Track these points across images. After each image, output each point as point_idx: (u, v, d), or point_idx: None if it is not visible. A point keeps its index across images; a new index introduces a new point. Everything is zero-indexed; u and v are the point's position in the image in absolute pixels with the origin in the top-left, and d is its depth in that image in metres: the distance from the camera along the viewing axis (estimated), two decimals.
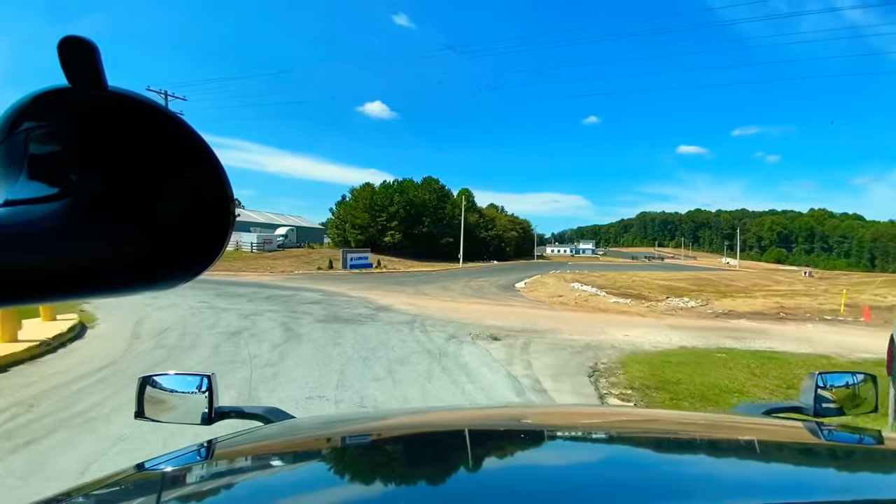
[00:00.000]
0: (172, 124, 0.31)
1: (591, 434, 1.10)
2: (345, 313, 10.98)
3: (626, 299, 19.02)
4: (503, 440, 1.01)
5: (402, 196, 54.44)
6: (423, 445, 1.00)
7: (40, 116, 0.30)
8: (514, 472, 0.80)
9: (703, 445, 0.96)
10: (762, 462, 0.85)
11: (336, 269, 30.60)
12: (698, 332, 10.54)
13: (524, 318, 11.36)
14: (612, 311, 14.01)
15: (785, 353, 8.14)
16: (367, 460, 0.92)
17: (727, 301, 20.31)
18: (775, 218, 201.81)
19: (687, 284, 33.91)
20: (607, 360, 7.17)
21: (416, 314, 11.41)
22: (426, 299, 15.38)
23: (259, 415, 1.30)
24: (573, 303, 15.99)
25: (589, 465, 0.83)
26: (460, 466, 0.82)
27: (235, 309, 11.22)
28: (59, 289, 0.29)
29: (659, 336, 9.69)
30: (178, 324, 9.20)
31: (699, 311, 16.03)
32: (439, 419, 1.30)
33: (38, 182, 0.30)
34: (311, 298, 14.02)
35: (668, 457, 0.93)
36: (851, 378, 1.30)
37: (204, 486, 0.79)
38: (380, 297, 15.35)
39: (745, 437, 1.02)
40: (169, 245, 0.32)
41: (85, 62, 0.28)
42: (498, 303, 15.21)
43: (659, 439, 1.03)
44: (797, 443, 0.96)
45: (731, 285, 33.87)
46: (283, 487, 0.76)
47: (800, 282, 37.76)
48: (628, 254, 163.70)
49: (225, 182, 0.33)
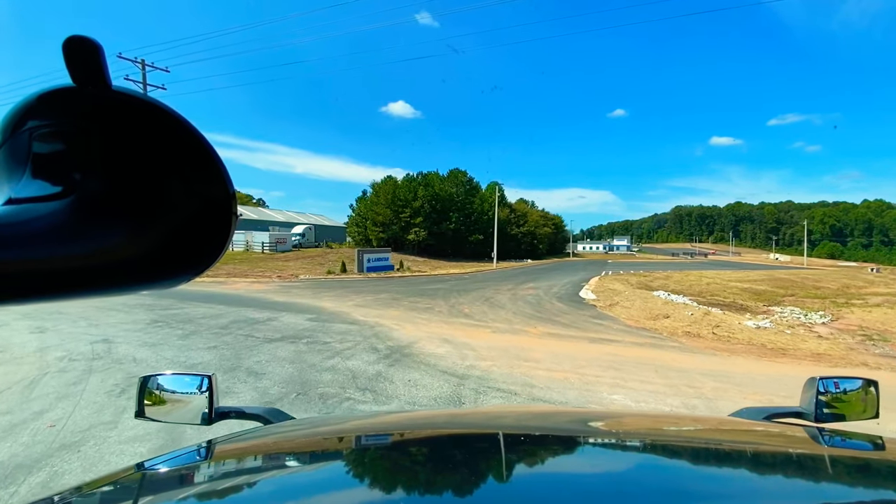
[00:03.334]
0: (175, 124, 0.31)
1: (589, 437, 1.04)
2: (325, 380, 5.60)
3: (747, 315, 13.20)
4: (507, 442, 0.95)
5: (426, 190, 49.16)
6: (423, 446, 0.98)
7: (44, 115, 0.30)
8: (516, 472, 0.78)
9: (704, 450, 0.95)
10: (762, 467, 0.84)
11: (350, 273, 25.57)
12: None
13: (678, 386, 5.82)
14: (791, 352, 8.18)
15: None
16: (367, 461, 0.90)
17: (858, 312, 14.53)
18: (826, 210, 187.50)
19: (770, 287, 28.73)
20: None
21: (463, 373, 6.03)
22: (471, 327, 10.00)
23: (259, 415, 1.28)
24: (704, 332, 10.19)
25: (586, 469, 0.82)
26: (460, 467, 0.80)
27: (128, 364, 6.10)
28: (62, 287, 0.28)
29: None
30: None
31: (847, 328, 10.53)
32: (440, 421, 1.25)
33: (42, 181, 0.30)
34: (289, 330, 8.86)
35: (668, 461, 0.89)
36: (852, 383, 1.26)
37: (203, 487, 0.78)
38: (399, 322, 10.08)
39: (746, 441, 1.01)
40: (172, 244, 0.32)
41: (89, 62, 0.28)
42: (586, 334, 9.55)
43: (659, 443, 1.00)
44: (798, 448, 0.95)
45: (822, 287, 28.44)
46: (283, 488, 0.76)
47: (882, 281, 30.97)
48: (664, 250, 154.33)
49: (227, 181, 0.33)
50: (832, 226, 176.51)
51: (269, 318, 10.10)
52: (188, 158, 0.32)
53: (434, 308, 12.67)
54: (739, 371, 6.67)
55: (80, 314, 9.63)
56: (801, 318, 14.09)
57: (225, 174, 0.33)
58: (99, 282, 0.30)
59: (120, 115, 0.30)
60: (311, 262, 30.39)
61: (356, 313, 11.31)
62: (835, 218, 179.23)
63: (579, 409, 1.71)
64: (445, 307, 12.91)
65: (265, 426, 1.20)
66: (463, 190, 53.97)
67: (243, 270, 25.21)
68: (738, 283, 29.50)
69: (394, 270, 28.79)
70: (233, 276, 22.73)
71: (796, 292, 25.06)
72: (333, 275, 24.88)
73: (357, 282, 21.76)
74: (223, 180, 0.33)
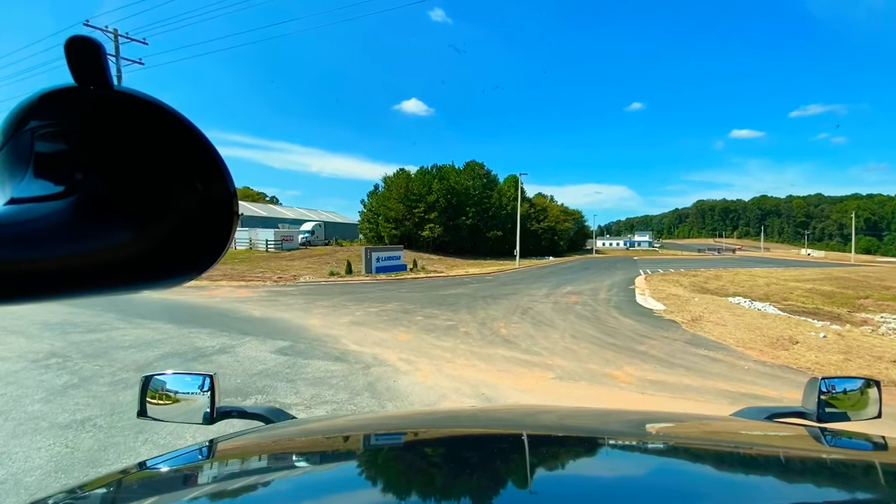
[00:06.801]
0: (177, 123, 0.31)
1: (589, 437, 1.02)
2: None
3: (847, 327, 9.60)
4: (511, 443, 0.95)
5: (441, 183, 45.73)
6: (425, 446, 0.97)
7: (46, 115, 0.30)
8: (518, 474, 0.77)
9: (706, 450, 0.94)
10: (765, 467, 0.83)
11: (356, 275, 22.41)
12: None
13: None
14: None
15: None
16: (369, 460, 0.90)
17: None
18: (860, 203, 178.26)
19: (836, 287, 25.03)
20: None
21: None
22: (520, 366, 6.67)
23: (261, 415, 1.28)
24: (887, 370, 6.68)
25: (587, 469, 0.81)
26: (462, 468, 0.79)
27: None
28: (64, 287, 0.28)
29: None
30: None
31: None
32: (443, 420, 1.23)
33: (44, 180, 0.30)
34: (237, 375, 5.63)
35: (670, 461, 0.88)
36: (854, 383, 1.24)
37: (205, 486, 0.77)
38: (410, 355, 6.80)
39: (748, 441, 0.99)
40: (173, 243, 0.32)
41: (91, 61, 0.28)
42: (709, 382, 5.98)
43: (661, 443, 0.99)
44: (800, 448, 0.94)
45: (891, 287, 24.42)
46: (284, 487, 0.75)
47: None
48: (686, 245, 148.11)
49: (228, 180, 0.33)
50: (867, 219, 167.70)
51: (222, 350, 6.92)
52: (189, 157, 0.32)
53: (458, 327, 9.36)
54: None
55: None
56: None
57: (226, 173, 0.33)
58: (101, 281, 0.30)
59: (121, 114, 0.30)
60: (318, 262, 27.34)
61: (350, 337, 8.07)
62: (869, 211, 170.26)
63: (578, 410, 1.46)
64: (474, 325, 9.58)
65: (267, 426, 1.19)
66: (480, 183, 50.35)
67: (240, 272, 22.30)
68: (798, 283, 25.72)
69: (406, 271, 25.52)
70: (226, 277, 19.81)
71: (869, 293, 21.84)
72: (337, 276, 21.74)
73: (362, 286, 18.56)
74: (224, 179, 0.33)
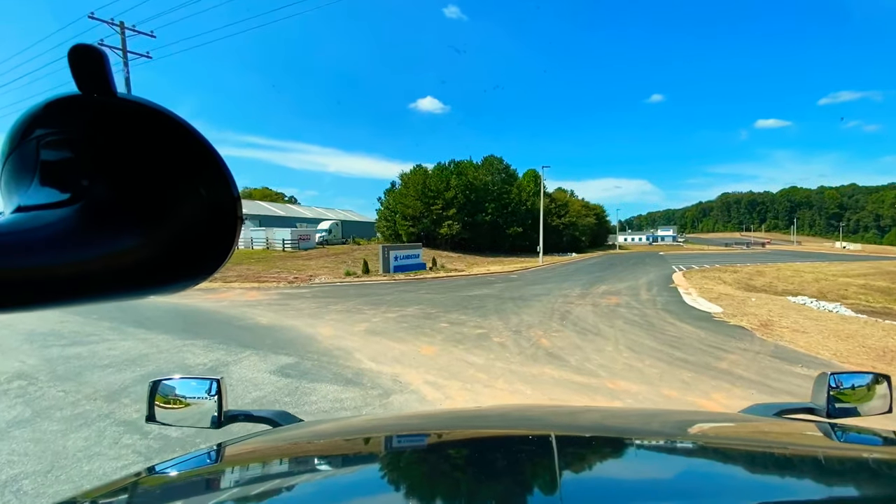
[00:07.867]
0: (180, 129, 0.32)
1: (597, 434, 1.01)
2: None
3: None
4: (517, 444, 0.94)
5: (460, 179, 44.36)
6: (433, 448, 0.97)
7: (51, 123, 0.30)
8: (521, 474, 0.77)
9: (715, 446, 0.93)
10: (774, 463, 0.83)
11: (374, 275, 21.34)
12: None
13: None
14: None
15: None
16: (377, 463, 0.89)
17: None
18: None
19: (889, 282, 22.94)
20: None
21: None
22: (574, 390, 5.36)
23: (268, 418, 1.28)
24: None
25: (596, 466, 0.81)
26: (467, 470, 0.79)
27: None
28: (72, 293, 0.29)
29: None
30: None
31: None
32: (450, 422, 1.21)
33: (50, 188, 0.30)
34: None
35: (679, 458, 0.88)
36: (864, 378, 1.23)
37: (215, 490, 0.78)
38: (437, 376, 5.57)
39: (758, 437, 0.99)
40: (178, 248, 0.33)
41: (94, 70, 0.28)
42: None
43: (670, 439, 0.99)
44: (810, 444, 0.93)
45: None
46: (293, 491, 0.75)
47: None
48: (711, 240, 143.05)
49: (231, 185, 0.33)
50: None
51: (213, 370, 5.81)
52: (193, 163, 0.32)
53: (490, 336, 8.08)
54: None
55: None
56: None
57: (230, 178, 0.33)
58: (108, 287, 0.30)
59: (125, 121, 0.30)
60: (335, 261, 26.40)
61: (365, 350, 6.89)
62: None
63: (582, 408, 1.45)
64: (508, 334, 8.29)
65: (274, 429, 1.19)
66: (499, 178, 48.82)
67: (255, 272, 21.50)
68: (849, 279, 23.64)
69: (425, 269, 24.33)
70: (241, 278, 18.99)
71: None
72: (353, 276, 20.69)
73: (380, 286, 17.45)
74: (227, 184, 0.33)
